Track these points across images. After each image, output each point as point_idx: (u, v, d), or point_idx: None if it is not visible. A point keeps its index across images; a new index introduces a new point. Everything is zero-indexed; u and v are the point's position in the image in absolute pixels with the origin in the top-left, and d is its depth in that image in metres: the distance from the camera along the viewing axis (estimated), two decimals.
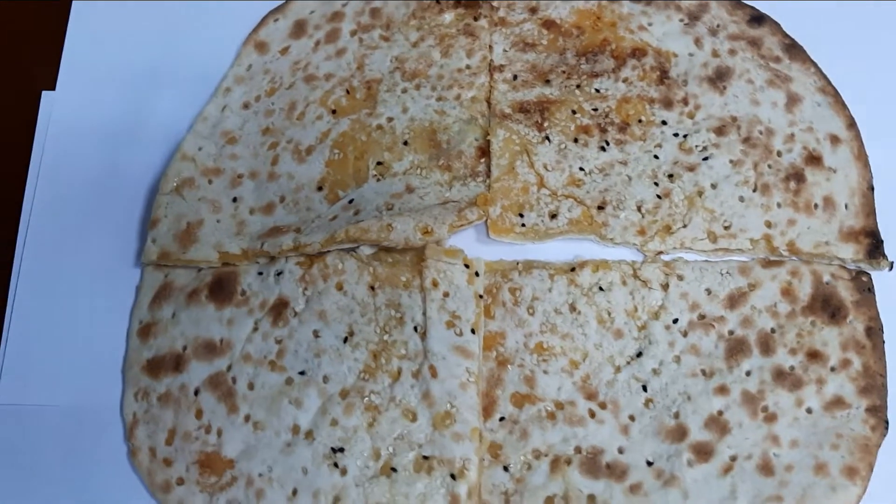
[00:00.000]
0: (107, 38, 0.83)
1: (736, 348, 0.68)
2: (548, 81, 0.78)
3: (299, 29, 0.81)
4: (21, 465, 0.68)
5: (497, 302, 0.70)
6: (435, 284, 0.68)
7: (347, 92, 0.78)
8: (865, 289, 0.69)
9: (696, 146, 0.74)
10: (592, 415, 0.66)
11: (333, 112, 0.77)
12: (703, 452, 0.64)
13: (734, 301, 0.70)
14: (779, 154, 0.74)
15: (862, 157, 0.74)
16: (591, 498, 0.64)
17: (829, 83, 0.77)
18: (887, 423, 0.65)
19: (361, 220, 0.69)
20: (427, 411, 0.65)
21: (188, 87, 0.80)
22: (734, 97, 0.76)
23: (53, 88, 0.80)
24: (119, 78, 0.81)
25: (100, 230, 0.75)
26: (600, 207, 0.72)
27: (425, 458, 0.64)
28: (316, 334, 0.68)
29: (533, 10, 0.81)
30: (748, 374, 0.67)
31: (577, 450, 0.65)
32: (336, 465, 0.64)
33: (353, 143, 0.75)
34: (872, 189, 0.73)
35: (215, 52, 0.81)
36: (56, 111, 0.79)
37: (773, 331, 0.68)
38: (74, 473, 0.68)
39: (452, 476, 0.64)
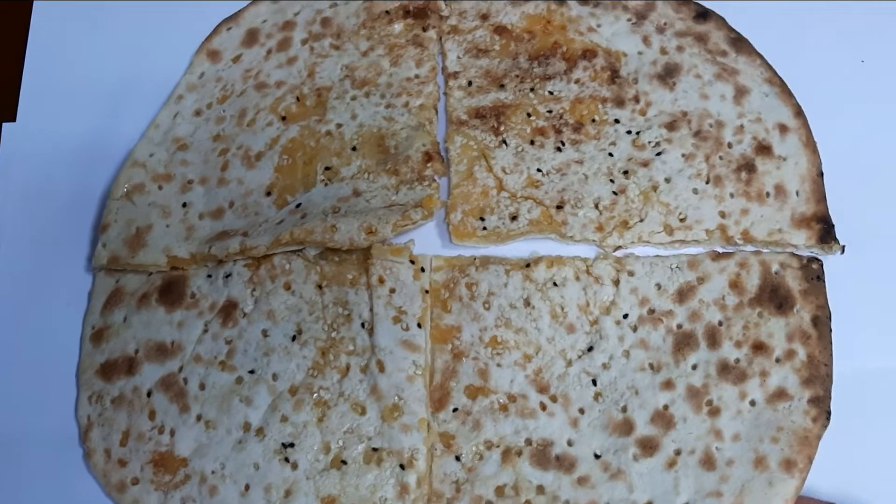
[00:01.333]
0: (64, 58, 0.96)
1: (683, 342, 0.78)
2: (502, 86, 0.90)
3: (251, 37, 0.95)
4: None
5: (454, 296, 0.81)
6: (381, 281, 0.80)
7: (298, 99, 0.90)
8: (814, 276, 0.79)
9: (649, 142, 0.86)
10: (543, 407, 0.77)
11: (283, 119, 0.89)
12: (648, 447, 0.74)
13: (683, 295, 0.80)
14: (729, 145, 0.85)
15: (810, 144, 0.85)
16: (540, 488, 0.74)
17: (776, 74, 0.89)
18: (829, 413, 0.74)
19: (307, 223, 0.80)
20: (376, 405, 0.76)
21: (144, 97, 0.92)
22: (684, 92, 0.88)
23: (13, 119, 0.93)
24: (76, 94, 0.94)
25: (53, 236, 0.87)
26: (559, 207, 0.84)
27: (374, 449, 0.75)
28: (265, 334, 0.79)
29: (484, 17, 0.94)
30: (694, 367, 0.77)
31: (528, 441, 0.75)
32: (287, 459, 0.75)
33: (303, 149, 0.87)
34: (822, 175, 0.84)
35: (170, 61, 0.94)
36: (13, 137, 0.92)
37: (720, 323, 0.78)
38: (30, 477, 0.79)
39: (402, 466, 0.74)
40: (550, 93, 0.89)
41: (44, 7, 0.98)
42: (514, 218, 0.84)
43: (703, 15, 0.92)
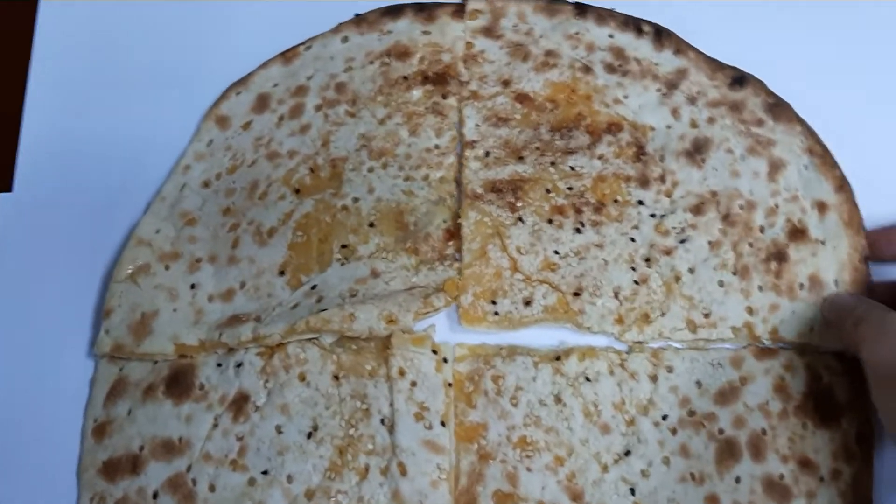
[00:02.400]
0: (62, 124, 0.91)
1: (726, 451, 0.74)
2: (521, 158, 0.86)
3: (262, 103, 0.91)
4: None
5: (479, 390, 0.77)
6: (402, 373, 0.76)
7: (312, 170, 0.87)
8: (859, 387, 0.76)
9: (673, 227, 0.82)
10: None
11: (297, 191, 0.85)
12: None
13: (725, 396, 0.76)
14: (761, 229, 0.81)
15: (853, 222, 0.80)
16: None
17: (818, 141, 0.84)
18: None
19: (323, 309, 0.77)
20: None
21: (148, 166, 0.88)
22: (713, 170, 0.84)
23: (9, 189, 0.89)
24: (75, 163, 0.89)
25: (52, 318, 0.83)
26: (576, 294, 0.80)
27: None
28: (279, 430, 0.75)
29: (506, 83, 0.90)
30: (738, 480, 0.73)
31: None
32: None
33: (317, 225, 0.83)
34: (867, 259, 0.79)
35: (176, 127, 0.90)
36: (9, 208, 0.88)
37: (764, 432, 0.75)
38: None
39: None
40: (572, 168, 0.85)
41: (41, 75, 0.94)
42: (528, 303, 0.80)
43: (740, 80, 0.88)
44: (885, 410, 0.66)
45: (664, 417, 0.76)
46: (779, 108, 0.87)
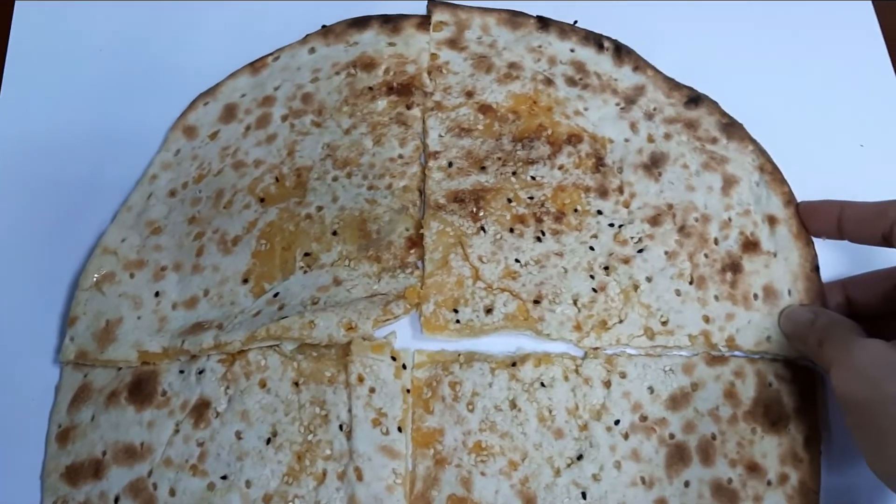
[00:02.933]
0: (29, 134, 0.93)
1: (676, 456, 0.76)
2: (483, 168, 0.87)
3: (229, 113, 0.92)
4: None
5: (436, 396, 0.79)
6: (360, 380, 0.78)
7: (277, 179, 0.88)
8: (808, 392, 0.78)
9: (632, 237, 0.84)
10: None
11: (262, 200, 0.87)
12: None
13: (677, 402, 0.78)
14: (715, 241, 0.84)
15: (802, 235, 0.83)
16: None
17: (769, 160, 0.87)
18: None
19: (284, 317, 0.78)
20: None
21: (115, 175, 0.90)
22: (670, 183, 0.87)
23: None
24: (43, 173, 0.91)
25: (18, 325, 0.84)
26: (536, 301, 0.82)
27: None
28: (238, 436, 0.77)
29: (469, 94, 0.92)
30: (687, 484, 0.75)
31: None
32: None
33: (281, 234, 0.85)
34: (817, 269, 0.82)
35: (143, 137, 0.91)
36: None
37: (713, 437, 0.77)
38: None
39: None
40: (533, 178, 0.87)
41: (12, 86, 0.96)
42: (489, 311, 0.81)
43: (695, 100, 0.91)
44: (859, 436, 0.67)
45: (616, 422, 0.78)
46: (732, 128, 0.90)
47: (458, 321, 0.81)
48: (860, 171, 0.90)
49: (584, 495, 0.75)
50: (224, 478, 0.76)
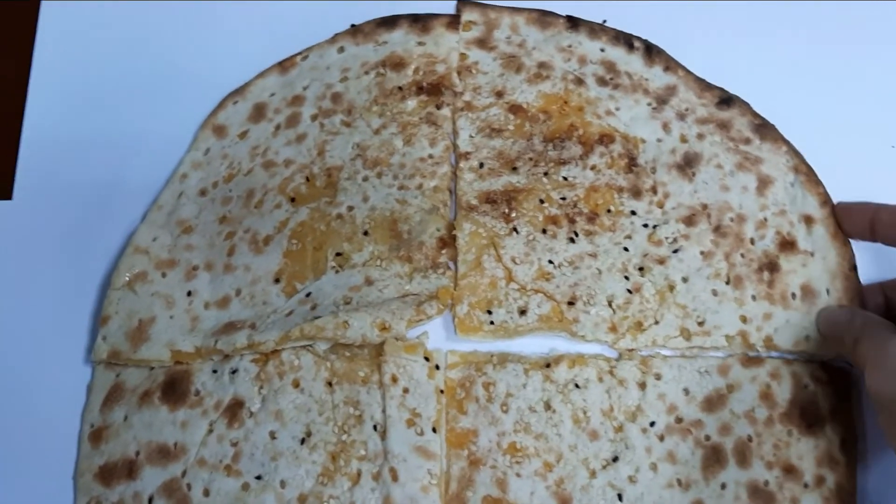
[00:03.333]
0: (62, 134, 0.93)
1: (713, 458, 0.76)
2: (515, 169, 0.87)
3: (259, 112, 0.92)
4: None
5: (470, 397, 0.79)
6: (394, 380, 0.77)
7: (307, 179, 0.88)
8: (844, 394, 0.78)
9: (666, 238, 0.84)
10: None
11: (293, 200, 0.87)
12: None
13: (712, 404, 0.78)
14: (751, 241, 0.83)
15: (839, 235, 0.83)
16: None
17: (803, 161, 0.87)
18: None
19: (318, 317, 0.78)
20: None
21: (146, 175, 0.90)
22: (704, 184, 0.86)
23: (10, 198, 0.91)
24: (74, 172, 0.91)
25: (50, 325, 0.85)
26: (570, 303, 0.81)
27: None
28: (273, 435, 0.77)
29: (499, 94, 0.92)
30: (723, 486, 0.75)
31: None
32: None
33: (312, 233, 0.85)
34: (855, 268, 0.82)
35: (173, 136, 0.92)
36: (9, 216, 0.90)
37: (749, 439, 0.76)
38: None
39: None
40: (565, 178, 0.87)
41: (41, 84, 0.96)
42: (522, 312, 0.81)
43: (727, 101, 0.91)
44: (891, 434, 0.67)
45: (652, 424, 0.78)
46: (765, 129, 0.90)
47: (492, 322, 0.81)
48: (892, 171, 0.90)
49: (619, 497, 0.75)
50: (258, 478, 0.75)
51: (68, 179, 0.91)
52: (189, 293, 0.83)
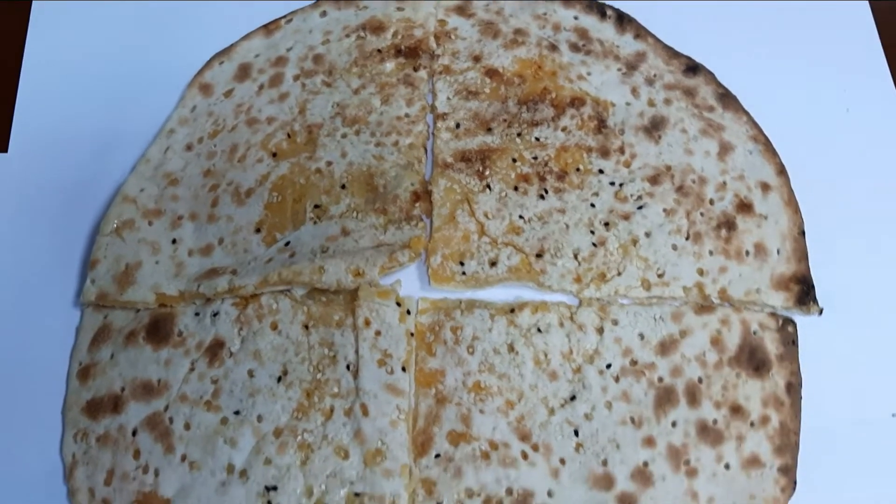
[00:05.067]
0: (55, 92, 0.99)
1: (664, 398, 0.82)
2: (489, 129, 0.94)
3: (244, 72, 0.98)
4: None
5: (439, 340, 0.84)
6: (367, 323, 0.83)
7: (288, 136, 0.94)
8: (790, 341, 0.84)
9: (632, 195, 0.90)
10: (525, 456, 0.80)
11: (274, 155, 0.93)
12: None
13: (666, 347, 0.84)
14: (711, 202, 0.89)
15: (792, 202, 0.90)
16: None
17: (761, 131, 0.93)
18: (795, 483, 0.79)
19: (295, 263, 0.84)
20: (359, 448, 0.79)
21: (135, 130, 0.96)
22: (668, 146, 0.92)
23: (6, 151, 0.96)
24: (67, 127, 0.97)
25: (41, 271, 0.90)
26: (538, 255, 0.87)
27: (356, 494, 0.78)
28: (251, 374, 0.82)
29: (476, 59, 0.98)
30: (674, 424, 0.81)
31: (509, 491, 0.79)
32: (270, 503, 0.78)
33: (292, 187, 0.91)
34: (803, 234, 0.88)
35: (161, 94, 0.97)
36: (3, 169, 0.95)
37: (700, 381, 0.82)
38: None
39: None
40: (537, 139, 0.93)
41: (36, 44, 1.02)
42: (493, 264, 0.87)
43: (693, 69, 0.97)
44: None
45: (608, 366, 0.83)
46: (727, 99, 0.96)
47: (464, 273, 0.87)
48: (847, 135, 0.97)
49: (576, 433, 0.81)
50: (237, 413, 0.81)
51: (62, 134, 0.96)
52: (174, 241, 0.89)
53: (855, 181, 0.94)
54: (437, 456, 0.80)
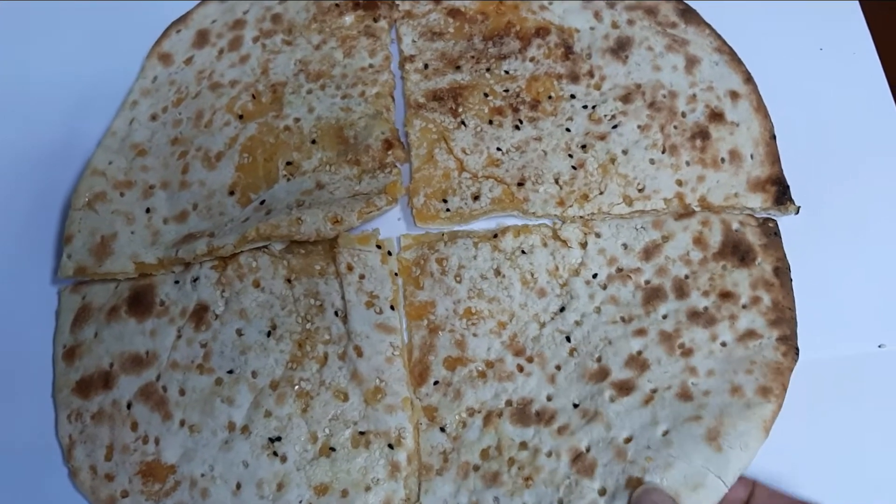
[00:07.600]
0: (13, 70, 1.01)
1: (652, 295, 0.83)
2: (458, 67, 0.95)
3: (202, 38, 0.99)
4: None
5: (425, 273, 0.86)
6: (350, 268, 0.84)
7: (253, 97, 0.95)
8: (772, 233, 0.86)
9: (605, 115, 0.92)
10: (521, 369, 0.82)
11: (240, 117, 0.94)
12: (624, 388, 0.79)
13: (649, 253, 0.86)
14: (683, 115, 0.91)
15: (761, 108, 0.92)
16: (523, 444, 0.78)
17: (724, 42, 0.95)
18: (797, 349, 0.80)
19: (272, 218, 0.85)
20: (357, 389, 0.80)
21: (98, 103, 0.97)
22: (636, 65, 0.94)
23: None
24: (28, 105, 0.98)
25: (15, 252, 0.91)
26: (520, 184, 0.89)
27: (361, 433, 0.79)
28: (239, 333, 0.83)
29: (437, 1, 1.00)
30: (665, 316, 0.82)
31: (508, 403, 0.80)
32: (275, 453, 0.79)
33: (262, 146, 0.92)
34: (774, 137, 0.90)
35: (121, 66, 0.99)
36: None
37: (686, 277, 0.84)
38: (16, 500, 0.82)
39: (390, 446, 0.78)
40: (506, 72, 0.95)
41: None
42: (476, 198, 0.89)
43: None
44: None
45: (594, 276, 0.85)
46: (689, 14, 0.98)
47: (448, 210, 0.89)
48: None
49: (567, 339, 0.83)
50: (230, 372, 0.82)
51: (25, 114, 0.98)
52: (148, 210, 0.90)
53: (821, 83, 0.97)
54: (436, 383, 0.82)
